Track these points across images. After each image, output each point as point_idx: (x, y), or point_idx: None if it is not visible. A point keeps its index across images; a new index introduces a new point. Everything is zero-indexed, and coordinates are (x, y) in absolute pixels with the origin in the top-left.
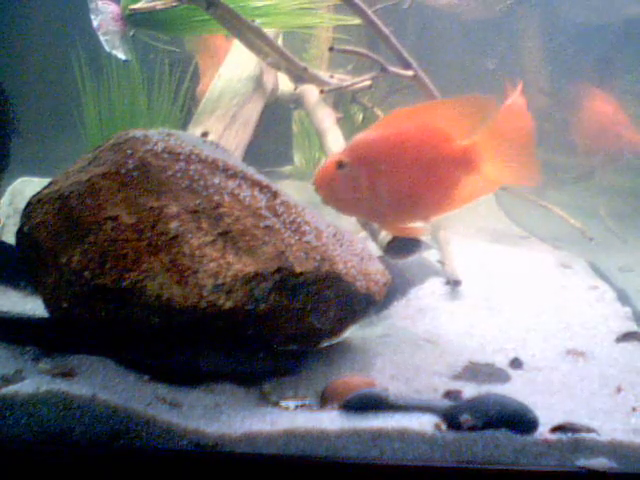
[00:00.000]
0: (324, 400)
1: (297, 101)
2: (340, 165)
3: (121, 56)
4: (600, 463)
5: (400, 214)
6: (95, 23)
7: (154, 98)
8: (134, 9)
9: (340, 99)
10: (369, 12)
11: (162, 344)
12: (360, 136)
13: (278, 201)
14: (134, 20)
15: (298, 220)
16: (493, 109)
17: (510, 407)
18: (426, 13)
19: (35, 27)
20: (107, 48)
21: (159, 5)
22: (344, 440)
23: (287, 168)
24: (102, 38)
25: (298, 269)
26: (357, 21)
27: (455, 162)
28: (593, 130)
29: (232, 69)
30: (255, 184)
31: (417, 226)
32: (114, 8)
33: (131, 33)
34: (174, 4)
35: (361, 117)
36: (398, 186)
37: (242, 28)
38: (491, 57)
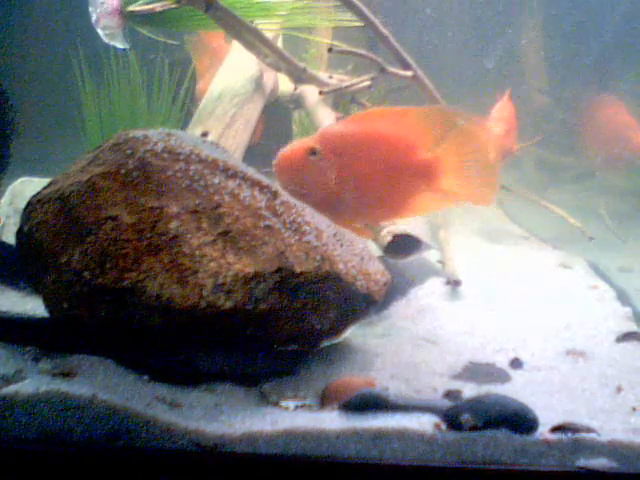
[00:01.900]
0: (324, 400)
1: (297, 101)
2: (312, 152)
3: (119, 45)
4: (600, 463)
5: (358, 212)
6: (94, 16)
7: (154, 98)
8: (133, 11)
9: (340, 99)
10: (368, 12)
11: (162, 344)
12: (331, 127)
13: (278, 201)
14: (133, 16)
15: (298, 220)
16: (459, 122)
17: (510, 407)
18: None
19: (35, 27)
20: (105, 40)
21: (158, 7)
22: (344, 440)
23: None
24: (100, 31)
25: (298, 269)
26: (356, 23)
27: (417, 172)
28: (602, 133)
29: (232, 69)
30: (255, 184)
31: (367, 228)
32: (113, 2)
33: (129, 32)
34: (173, 6)
35: None
36: (363, 184)
37: (241, 29)
38: (490, 57)
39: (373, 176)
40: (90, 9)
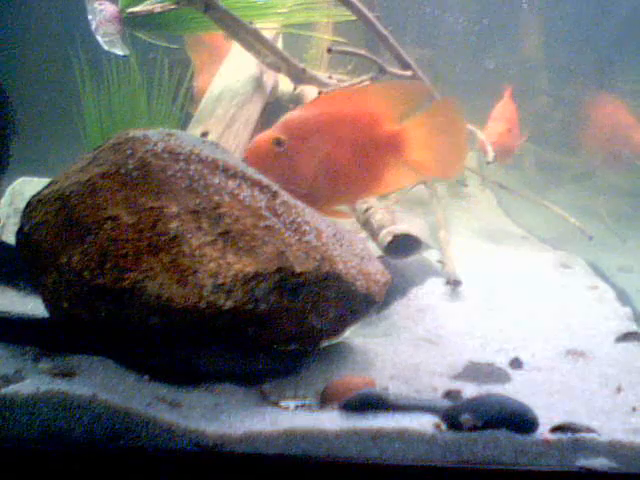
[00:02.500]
0: (324, 400)
1: (297, 101)
2: (277, 142)
3: (119, 52)
4: (600, 463)
5: (332, 194)
6: (93, 24)
7: (154, 98)
8: (133, 12)
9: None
10: (367, 12)
11: (162, 344)
12: (294, 114)
13: (278, 201)
14: (132, 21)
15: (298, 220)
16: (427, 97)
17: (510, 407)
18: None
19: (35, 27)
20: (105, 47)
21: (157, 8)
22: (344, 440)
23: None
24: (100, 39)
25: (298, 269)
26: (354, 17)
27: (384, 145)
28: (601, 132)
29: (232, 70)
30: (255, 184)
31: (342, 210)
32: (112, 9)
33: (129, 36)
34: (172, 7)
35: None
36: (331, 165)
37: (240, 30)
38: (491, 57)
39: (340, 155)
40: (89, 17)
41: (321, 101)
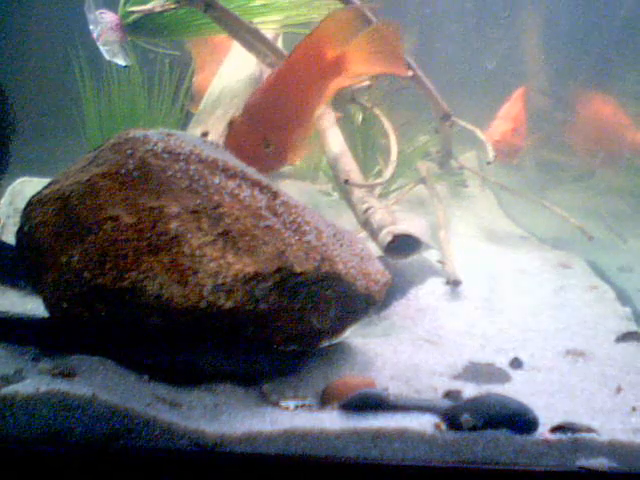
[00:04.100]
0: (324, 400)
1: None
2: (267, 145)
3: (121, 63)
4: (600, 463)
5: (292, 136)
6: (95, 34)
7: (154, 98)
8: (132, 11)
9: (339, 99)
10: (366, 12)
11: (162, 344)
12: (251, 101)
13: (278, 201)
14: (133, 27)
15: (298, 220)
16: (359, 21)
17: (510, 407)
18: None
19: (35, 27)
20: (107, 57)
21: (158, 7)
22: (344, 440)
23: (287, 168)
24: (102, 48)
25: (298, 269)
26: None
27: (330, 70)
28: (593, 131)
29: (232, 69)
30: (255, 184)
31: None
32: (112, 17)
33: (129, 41)
34: (172, 6)
35: (360, 117)
36: (291, 116)
37: (240, 29)
38: (491, 57)
39: (297, 101)
40: (91, 27)
41: (273, 75)
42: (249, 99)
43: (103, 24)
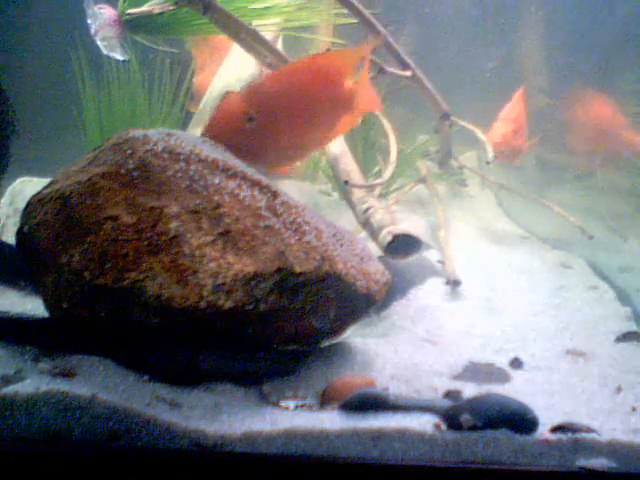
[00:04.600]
0: (324, 400)
1: None
2: (249, 119)
3: (119, 57)
4: (600, 463)
5: (292, 155)
6: (92, 28)
7: (154, 98)
8: (131, 13)
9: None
10: (366, 12)
11: (162, 344)
12: (261, 83)
13: (278, 201)
14: (132, 24)
15: (298, 220)
16: (365, 57)
17: (510, 407)
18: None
19: (35, 27)
20: (104, 51)
21: (156, 9)
22: (344, 440)
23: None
24: (100, 43)
25: (298, 269)
26: (353, 20)
27: (342, 103)
28: (590, 131)
29: (232, 69)
30: (255, 184)
31: (293, 166)
32: (111, 13)
33: (129, 38)
34: (171, 8)
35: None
36: (296, 131)
37: (239, 31)
38: (491, 58)
39: (305, 121)
40: (89, 21)
41: (286, 70)
42: (256, 82)
43: (101, 19)
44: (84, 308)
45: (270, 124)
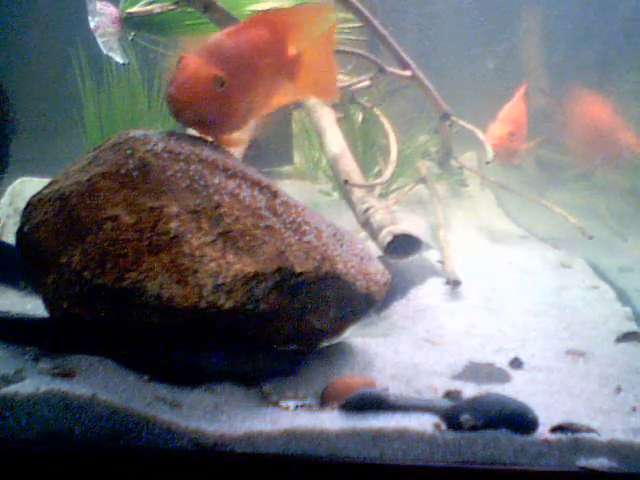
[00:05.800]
0: (324, 400)
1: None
2: (220, 83)
3: (118, 59)
4: (600, 463)
5: (236, 122)
6: (92, 24)
7: (154, 98)
8: (132, 12)
9: (339, 99)
10: (365, 12)
11: (162, 344)
12: (220, 42)
13: (278, 201)
14: (132, 23)
15: (298, 220)
16: (323, 21)
17: (510, 407)
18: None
19: (35, 27)
20: (104, 50)
21: (157, 9)
22: (344, 440)
23: (287, 168)
24: (99, 40)
25: (298, 269)
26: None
27: (284, 69)
28: (587, 133)
29: None
30: (255, 184)
31: (238, 136)
32: (112, 10)
33: (130, 37)
34: (171, 7)
35: (360, 117)
36: (251, 95)
37: None
38: (492, 57)
39: (255, 83)
40: (89, 18)
41: (239, 27)
42: (214, 41)
43: (103, 16)
44: (84, 308)
45: (237, 87)
